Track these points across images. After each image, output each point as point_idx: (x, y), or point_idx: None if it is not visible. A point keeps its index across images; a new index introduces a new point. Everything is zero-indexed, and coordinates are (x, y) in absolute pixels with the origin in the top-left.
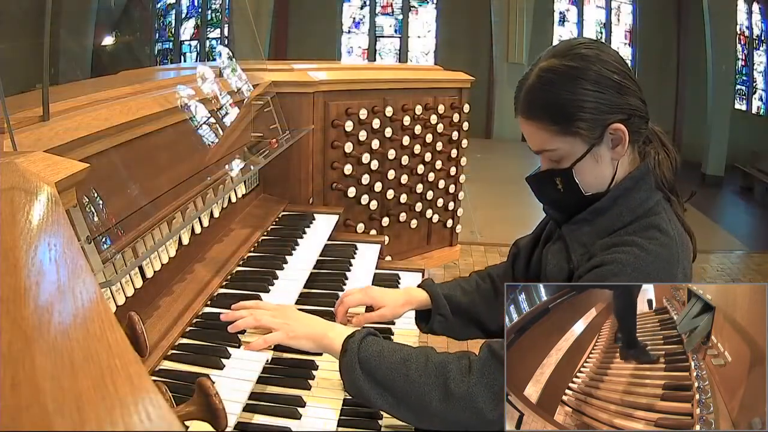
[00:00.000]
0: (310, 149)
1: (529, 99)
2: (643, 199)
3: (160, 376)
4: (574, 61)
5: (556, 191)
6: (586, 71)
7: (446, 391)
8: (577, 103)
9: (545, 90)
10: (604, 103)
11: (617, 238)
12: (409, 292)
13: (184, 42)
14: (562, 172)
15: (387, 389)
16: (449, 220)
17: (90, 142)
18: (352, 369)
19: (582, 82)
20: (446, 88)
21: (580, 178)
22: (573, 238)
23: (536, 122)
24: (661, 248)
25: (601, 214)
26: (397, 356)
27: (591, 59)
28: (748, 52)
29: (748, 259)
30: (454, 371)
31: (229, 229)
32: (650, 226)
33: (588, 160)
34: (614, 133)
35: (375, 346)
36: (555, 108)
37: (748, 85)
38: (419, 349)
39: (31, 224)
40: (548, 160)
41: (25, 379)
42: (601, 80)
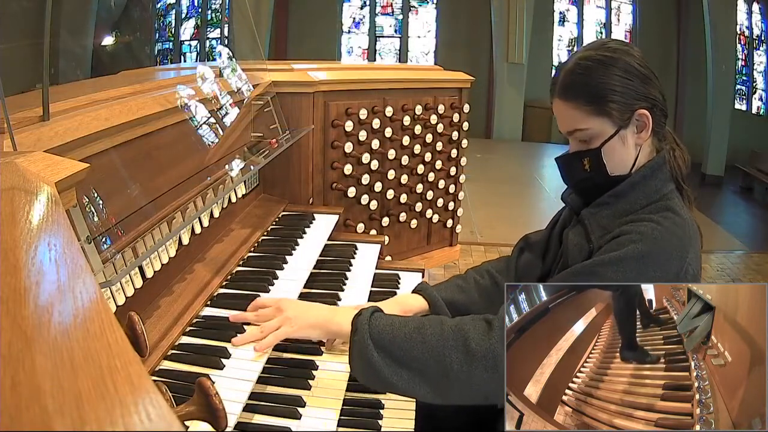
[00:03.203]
0: (310, 149)
1: (567, 81)
2: (658, 187)
3: (160, 376)
4: (606, 52)
5: (584, 171)
6: (617, 60)
7: (467, 351)
8: (609, 87)
9: (582, 74)
10: (632, 89)
11: (634, 216)
12: (403, 301)
13: (184, 42)
14: (591, 152)
15: (402, 362)
16: (449, 220)
17: (90, 142)
18: (365, 346)
19: (613, 69)
20: (446, 88)
21: (607, 159)
22: (593, 220)
23: (572, 102)
24: (675, 226)
25: (619, 198)
26: (411, 326)
27: (621, 52)
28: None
29: (748, 259)
30: (473, 331)
31: (229, 229)
32: (665, 208)
33: (615, 141)
34: (640, 118)
35: (385, 320)
36: (590, 90)
37: (748, 85)
38: (431, 317)
39: (31, 224)
40: (578, 142)
41: (25, 379)
42: (629, 69)
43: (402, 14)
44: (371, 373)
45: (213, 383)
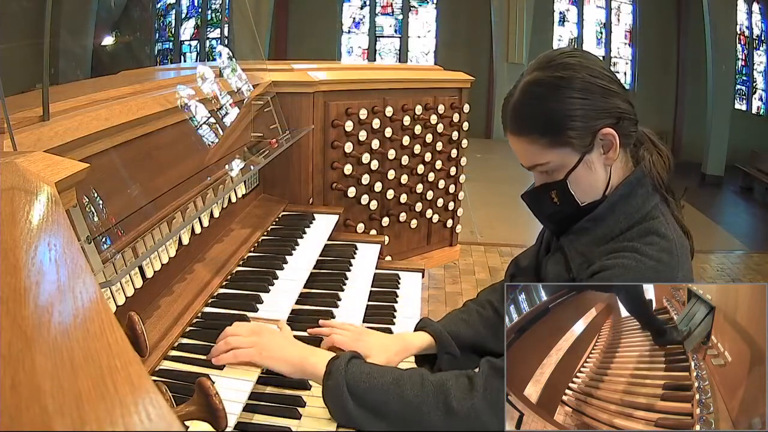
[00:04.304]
0: (310, 149)
1: (516, 115)
2: (639, 205)
3: (160, 376)
4: (558, 71)
5: (553, 205)
6: (572, 80)
7: (448, 409)
8: (565, 113)
9: (532, 104)
10: (592, 109)
11: (617, 244)
12: (405, 339)
13: (184, 42)
14: (557, 185)
15: (378, 413)
16: (449, 220)
17: (90, 142)
18: (339, 392)
19: (568, 91)
20: (446, 88)
21: (576, 188)
22: (572, 248)
23: (526, 137)
24: (661, 253)
25: (598, 222)
26: (388, 377)
27: (575, 67)
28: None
29: (748, 259)
30: (455, 388)
31: (229, 229)
32: (649, 232)
33: (581, 169)
34: (604, 138)
35: (363, 367)
36: (544, 120)
37: (748, 85)
38: (411, 370)
39: (31, 224)
40: (541, 174)
41: (25, 379)
42: (587, 87)
43: (402, 14)
44: (345, 418)
45: (213, 383)
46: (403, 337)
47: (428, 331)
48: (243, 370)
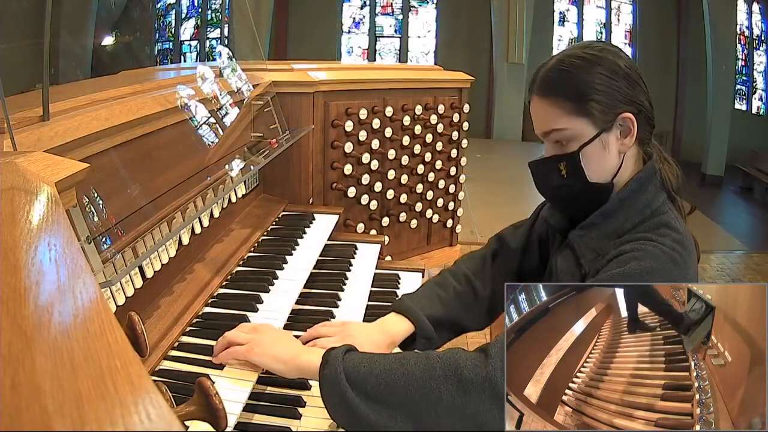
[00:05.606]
0: (310, 149)
1: (547, 78)
2: (650, 200)
3: (160, 376)
4: (592, 51)
5: (560, 177)
6: (602, 59)
7: (461, 380)
8: (592, 85)
9: (563, 71)
10: (617, 90)
11: (631, 236)
12: (389, 332)
13: (184, 42)
14: (568, 156)
15: (381, 398)
16: (449, 220)
17: (90, 142)
18: (337, 380)
19: (598, 67)
20: (446, 88)
21: (586, 164)
22: (581, 243)
23: (551, 99)
24: (675, 243)
25: (609, 217)
26: (390, 358)
27: (607, 52)
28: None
29: (748, 259)
30: (465, 359)
31: (229, 229)
32: (660, 225)
33: (596, 145)
34: (624, 122)
35: (362, 355)
36: (571, 85)
37: (748, 85)
38: (413, 351)
39: (31, 224)
40: (555, 145)
41: (25, 379)
42: (615, 69)
43: (402, 14)
44: (345, 412)
45: (213, 383)
46: (387, 330)
47: (409, 317)
48: (243, 370)
